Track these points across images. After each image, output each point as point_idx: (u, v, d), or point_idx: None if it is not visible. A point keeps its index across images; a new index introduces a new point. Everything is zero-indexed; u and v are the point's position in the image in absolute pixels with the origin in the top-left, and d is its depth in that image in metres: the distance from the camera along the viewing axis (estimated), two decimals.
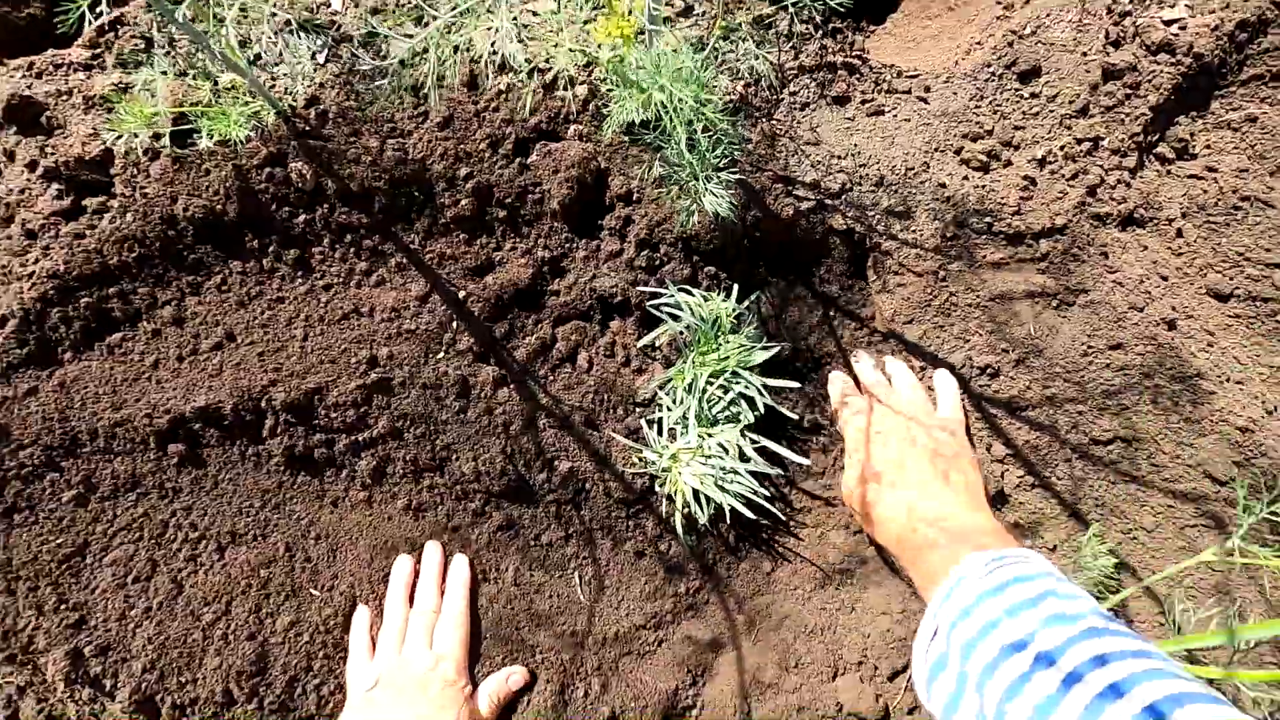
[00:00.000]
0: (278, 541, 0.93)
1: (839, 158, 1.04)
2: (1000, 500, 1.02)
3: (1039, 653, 0.61)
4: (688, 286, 1.01)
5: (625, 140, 1.03)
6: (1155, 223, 1.03)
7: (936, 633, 0.71)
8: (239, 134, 0.90)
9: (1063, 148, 1.01)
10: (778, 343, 1.03)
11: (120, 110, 0.93)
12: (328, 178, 0.97)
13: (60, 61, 1.04)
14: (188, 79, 1.01)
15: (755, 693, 0.96)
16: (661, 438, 1.00)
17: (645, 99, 0.82)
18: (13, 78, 1.03)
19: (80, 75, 1.03)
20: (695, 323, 0.98)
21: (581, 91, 1.03)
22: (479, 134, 1.00)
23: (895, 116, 1.06)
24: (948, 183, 1.02)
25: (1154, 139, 1.04)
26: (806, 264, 1.06)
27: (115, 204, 0.94)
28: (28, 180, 0.96)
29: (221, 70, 0.98)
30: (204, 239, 0.95)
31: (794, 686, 0.97)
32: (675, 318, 1.00)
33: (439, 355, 0.99)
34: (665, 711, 0.95)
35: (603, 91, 1.00)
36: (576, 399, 1.02)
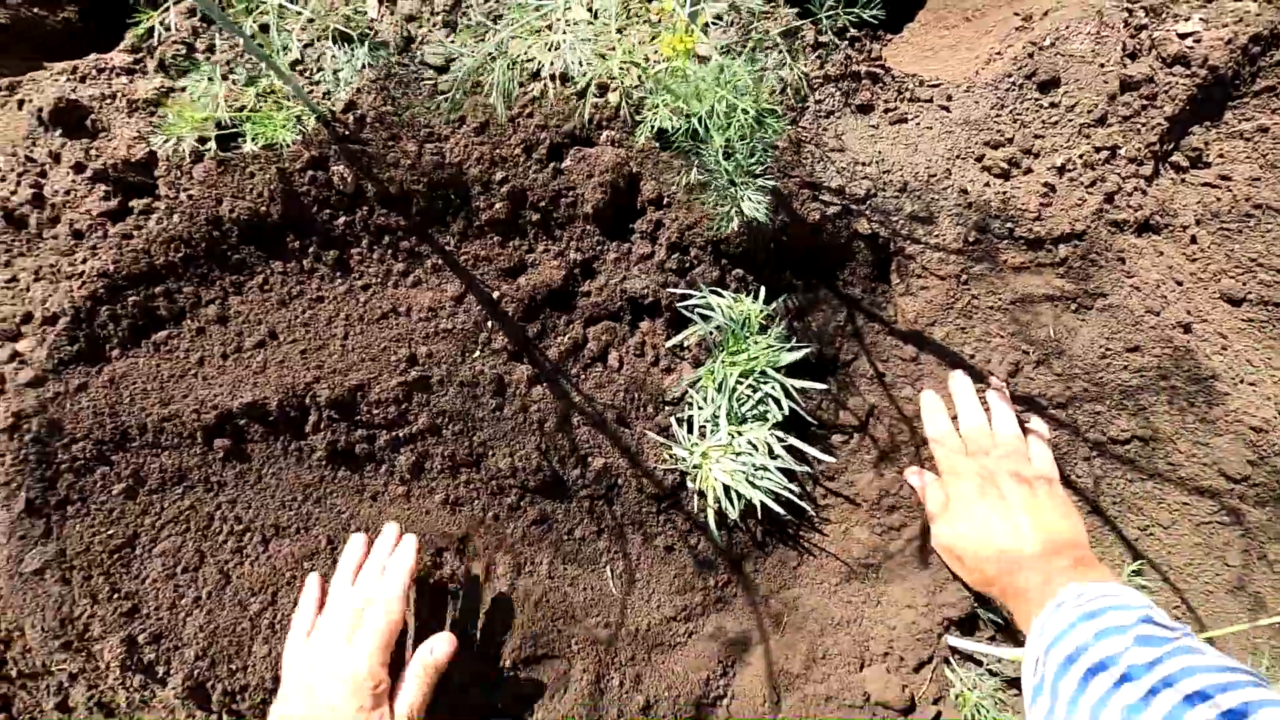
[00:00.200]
0: (319, 534, 0.96)
1: (863, 164, 1.07)
2: None
3: (1127, 667, 0.64)
4: (717, 288, 1.04)
5: (656, 146, 1.06)
6: (1170, 229, 1.06)
7: (1037, 661, 0.75)
8: (286, 137, 0.93)
9: (1081, 156, 1.04)
10: (804, 344, 1.06)
11: (171, 114, 0.95)
12: (368, 181, 1.00)
13: (103, 66, 1.06)
14: (228, 84, 1.03)
15: (784, 683, 0.99)
16: (691, 435, 1.03)
17: (682, 108, 0.85)
18: (57, 81, 1.05)
19: (123, 80, 1.05)
20: (726, 323, 1.00)
21: (614, 99, 1.05)
22: (514, 139, 1.03)
23: (918, 124, 1.09)
24: (969, 189, 1.05)
25: (1169, 148, 1.07)
26: (831, 267, 1.09)
27: (161, 205, 0.96)
28: (73, 182, 0.98)
29: (264, 75, 1.01)
30: (247, 240, 0.98)
31: (822, 677, 0.99)
32: (705, 318, 1.03)
33: (475, 354, 1.02)
34: (697, 701, 0.98)
35: (635, 99, 1.03)
36: (608, 397, 1.04)
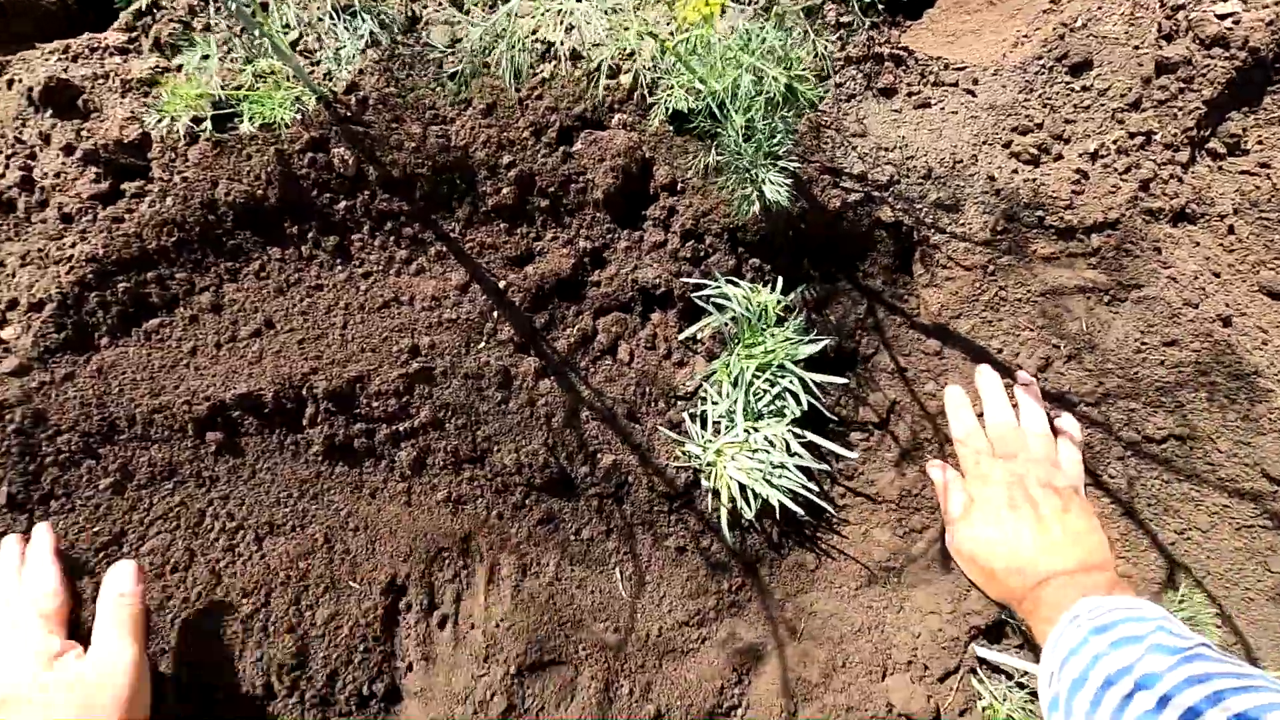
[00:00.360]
0: (316, 532, 0.91)
1: (886, 149, 1.02)
2: None
3: (1141, 675, 0.64)
4: (733, 278, 1.00)
5: (670, 130, 1.01)
6: (1207, 219, 1.01)
7: (1052, 675, 0.74)
8: (284, 117, 0.89)
9: (1115, 141, 1.00)
10: (823, 337, 1.01)
11: (165, 92, 0.91)
12: (369, 164, 0.96)
13: (96, 45, 1.02)
14: (225, 62, 0.99)
15: (802, 692, 0.94)
16: (705, 431, 0.98)
17: (703, 84, 0.81)
18: (48, 60, 1.01)
19: (117, 59, 1.02)
20: (742, 314, 0.96)
21: (627, 81, 1.01)
22: (522, 122, 0.99)
23: (943, 109, 1.05)
24: (997, 176, 1.01)
25: (1206, 134, 1.03)
26: (852, 257, 1.05)
27: (154, 188, 0.92)
28: (63, 164, 0.94)
29: (264, 54, 0.97)
30: (243, 224, 0.93)
31: (842, 686, 0.95)
32: (720, 309, 0.98)
33: (480, 345, 0.98)
34: (711, 711, 0.93)
35: (649, 80, 0.99)
36: (618, 391, 1.00)
